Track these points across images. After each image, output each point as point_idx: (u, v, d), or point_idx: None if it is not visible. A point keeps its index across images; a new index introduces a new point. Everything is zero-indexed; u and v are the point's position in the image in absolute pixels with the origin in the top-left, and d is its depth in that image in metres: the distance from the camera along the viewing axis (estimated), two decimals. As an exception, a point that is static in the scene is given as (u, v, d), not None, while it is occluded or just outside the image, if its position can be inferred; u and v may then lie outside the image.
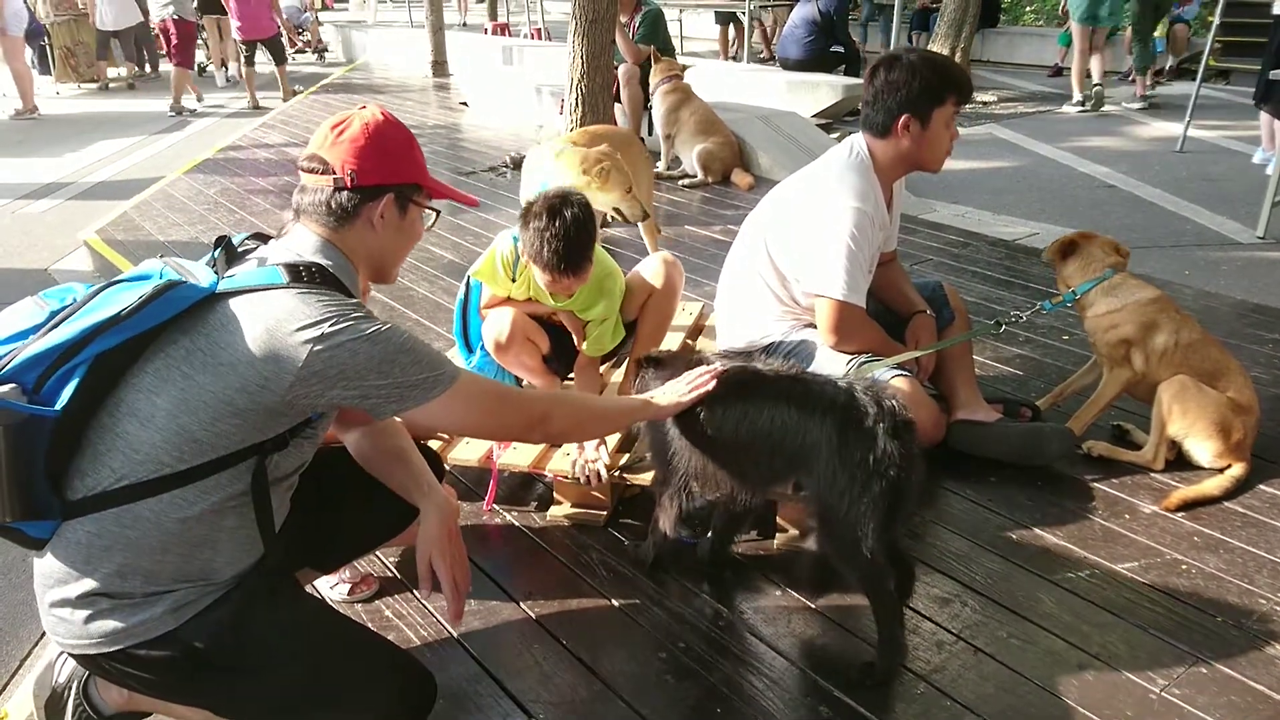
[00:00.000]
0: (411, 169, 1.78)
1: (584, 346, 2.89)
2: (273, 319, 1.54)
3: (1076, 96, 10.10)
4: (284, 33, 12.80)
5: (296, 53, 15.39)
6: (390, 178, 1.73)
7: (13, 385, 1.47)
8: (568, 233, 2.49)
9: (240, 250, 1.73)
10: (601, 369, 3.10)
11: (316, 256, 1.68)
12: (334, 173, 1.68)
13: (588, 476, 2.58)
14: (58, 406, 1.48)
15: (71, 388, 1.49)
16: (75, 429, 1.53)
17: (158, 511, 1.54)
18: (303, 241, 1.71)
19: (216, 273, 1.63)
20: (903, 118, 2.63)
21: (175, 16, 11.14)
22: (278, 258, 1.67)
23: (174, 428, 1.52)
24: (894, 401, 1.98)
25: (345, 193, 1.69)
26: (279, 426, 1.62)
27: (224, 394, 1.52)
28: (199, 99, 11.85)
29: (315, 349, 1.52)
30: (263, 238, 1.80)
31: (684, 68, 7.03)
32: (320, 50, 16.15)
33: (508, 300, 2.87)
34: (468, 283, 3.00)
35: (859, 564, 2.00)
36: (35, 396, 1.48)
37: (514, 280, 2.83)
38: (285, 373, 1.53)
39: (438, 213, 1.89)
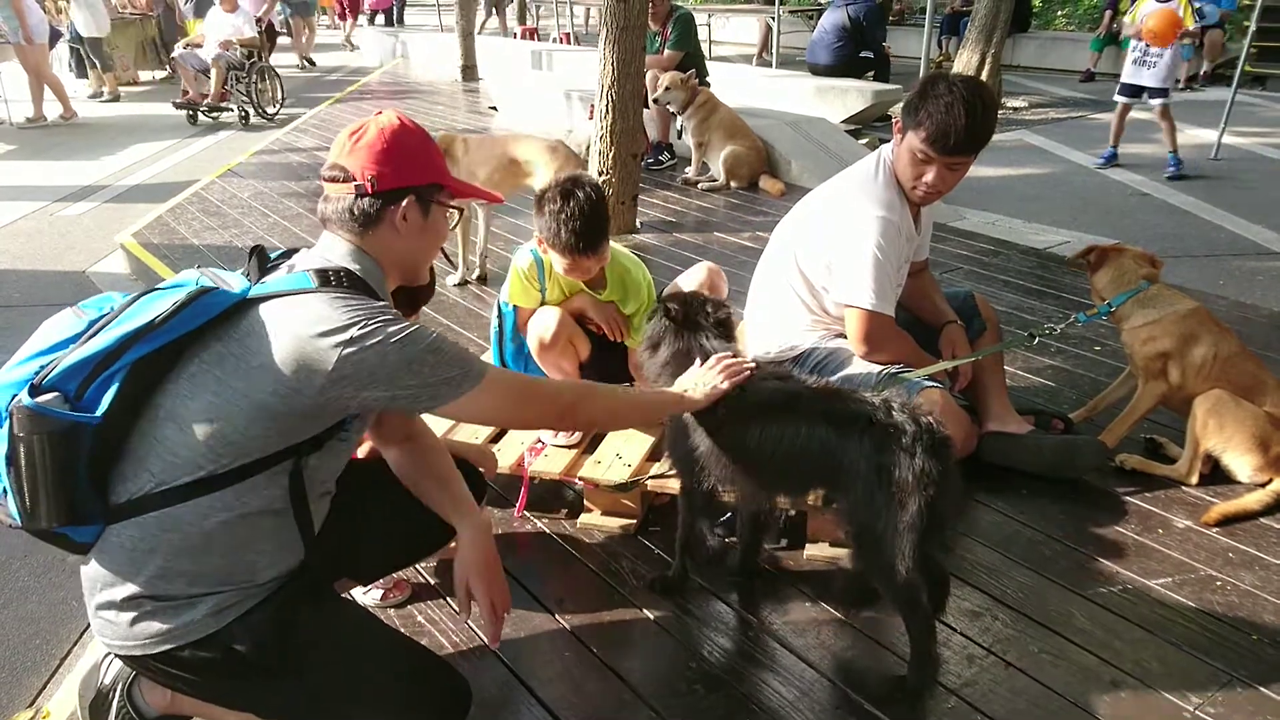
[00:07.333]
0: (430, 169, 1.80)
1: (630, 342, 2.90)
2: (302, 324, 1.56)
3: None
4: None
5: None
6: (410, 179, 1.75)
7: (56, 394, 1.50)
8: (582, 211, 2.60)
9: (274, 260, 1.77)
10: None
11: (345, 262, 1.71)
12: (354, 179, 1.71)
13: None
14: (99, 413, 1.51)
15: (111, 394, 1.52)
16: (117, 435, 1.57)
17: (198, 515, 1.57)
18: (332, 248, 1.74)
19: (249, 280, 1.67)
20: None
21: None
22: (308, 264, 1.70)
23: (209, 431, 1.55)
24: (930, 419, 1.96)
25: (367, 198, 1.71)
26: (312, 429, 1.64)
27: (257, 397, 1.55)
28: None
29: (344, 353, 1.55)
30: (295, 251, 1.82)
31: (695, 75, 6.95)
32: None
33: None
34: (499, 311, 3.04)
35: (894, 582, 1.98)
36: (77, 404, 1.51)
37: (542, 290, 2.87)
38: (316, 376, 1.55)
39: (461, 211, 1.90)
